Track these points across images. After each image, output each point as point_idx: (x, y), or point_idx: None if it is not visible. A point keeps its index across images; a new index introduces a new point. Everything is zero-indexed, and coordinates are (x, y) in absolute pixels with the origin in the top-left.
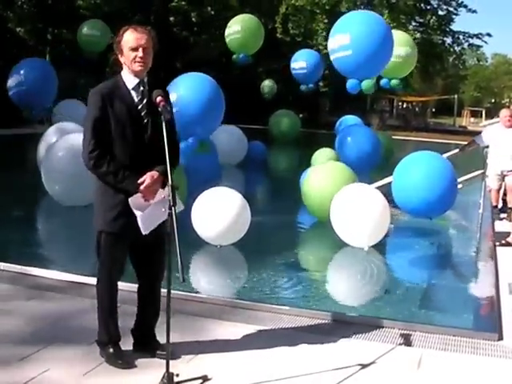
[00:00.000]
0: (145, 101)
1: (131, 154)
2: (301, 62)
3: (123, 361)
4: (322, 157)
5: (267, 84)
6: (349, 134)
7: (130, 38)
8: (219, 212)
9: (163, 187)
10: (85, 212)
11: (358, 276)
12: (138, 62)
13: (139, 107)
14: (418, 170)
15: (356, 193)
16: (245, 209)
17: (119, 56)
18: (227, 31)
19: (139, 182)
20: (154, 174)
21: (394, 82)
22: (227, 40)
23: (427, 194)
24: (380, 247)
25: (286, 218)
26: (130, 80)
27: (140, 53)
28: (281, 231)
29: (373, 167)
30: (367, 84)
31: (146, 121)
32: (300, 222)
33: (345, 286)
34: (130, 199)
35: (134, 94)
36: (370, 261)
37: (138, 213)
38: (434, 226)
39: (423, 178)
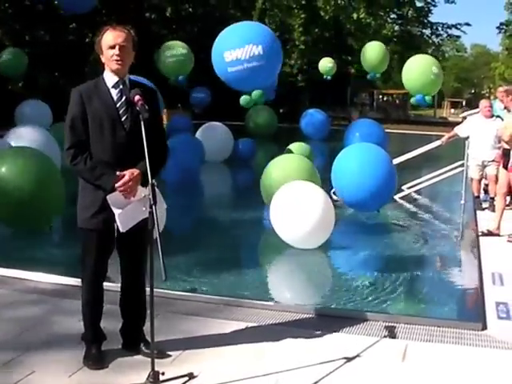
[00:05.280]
0: (123, 99)
1: (110, 152)
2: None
3: (93, 362)
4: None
5: None
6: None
7: (108, 37)
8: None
9: (145, 185)
10: None
11: (340, 270)
12: (115, 59)
13: (118, 105)
14: (351, 166)
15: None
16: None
17: (100, 56)
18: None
19: (118, 176)
20: (134, 171)
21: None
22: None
23: (362, 188)
24: (363, 239)
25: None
26: (109, 79)
27: (117, 51)
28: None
29: None
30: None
31: (124, 118)
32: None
33: (328, 280)
34: (107, 196)
35: (113, 92)
36: (352, 254)
37: (116, 210)
38: (416, 218)
39: (355, 174)
